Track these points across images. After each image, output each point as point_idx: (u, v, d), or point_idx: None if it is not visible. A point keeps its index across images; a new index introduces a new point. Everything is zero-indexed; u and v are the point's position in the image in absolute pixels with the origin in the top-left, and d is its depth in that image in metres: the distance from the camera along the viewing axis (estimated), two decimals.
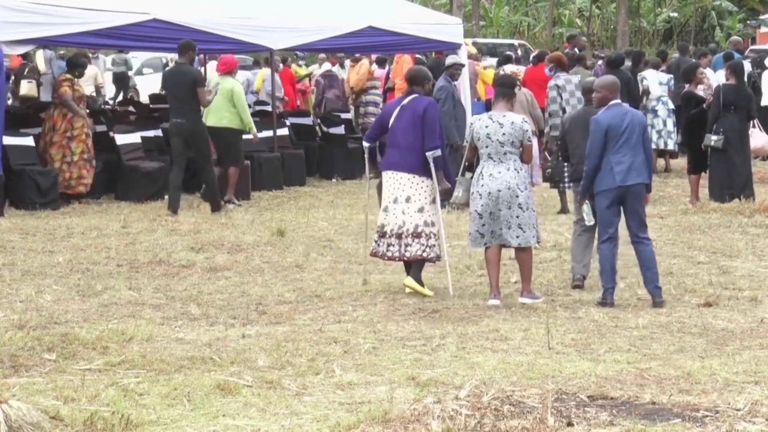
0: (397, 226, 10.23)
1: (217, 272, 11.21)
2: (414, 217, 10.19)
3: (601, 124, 9.79)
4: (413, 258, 10.20)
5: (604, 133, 9.74)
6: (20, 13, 14.88)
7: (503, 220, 9.85)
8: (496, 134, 9.87)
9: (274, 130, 18.24)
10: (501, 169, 9.86)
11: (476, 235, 9.97)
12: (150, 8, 16.05)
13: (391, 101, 10.55)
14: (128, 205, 15.57)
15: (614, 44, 45.62)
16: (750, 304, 9.94)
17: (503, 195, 9.82)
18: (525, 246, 9.94)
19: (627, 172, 9.72)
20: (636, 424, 6.48)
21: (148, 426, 6.51)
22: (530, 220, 9.90)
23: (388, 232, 10.28)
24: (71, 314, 9.38)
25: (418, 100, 10.28)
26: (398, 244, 10.22)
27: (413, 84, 10.43)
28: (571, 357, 8.13)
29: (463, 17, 39.19)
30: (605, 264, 9.88)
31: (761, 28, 42.04)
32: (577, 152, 10.66)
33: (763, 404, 6.87)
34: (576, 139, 10.70)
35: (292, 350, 8.23)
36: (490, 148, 9.89)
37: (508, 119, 9.92)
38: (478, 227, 9.93)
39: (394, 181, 10.27)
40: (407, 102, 10.28)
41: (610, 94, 9.92)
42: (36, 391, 7.12)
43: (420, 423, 6.43)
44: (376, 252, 10.40)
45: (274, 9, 17.55)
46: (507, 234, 9.85)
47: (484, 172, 9.91)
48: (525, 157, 10.00)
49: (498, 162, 9.89)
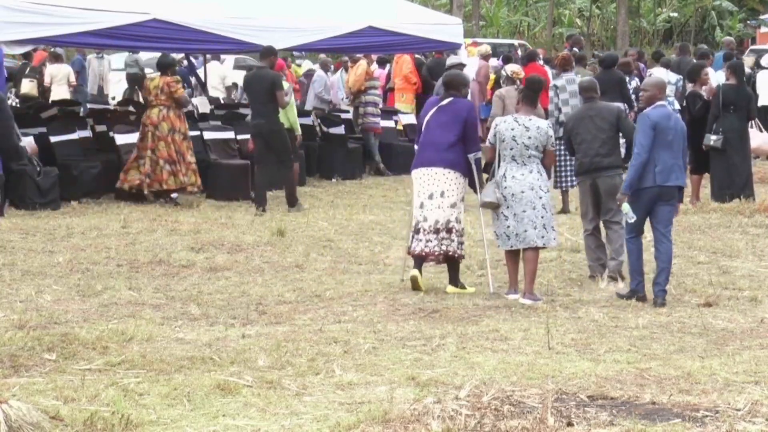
0: (434, 221, 10.33)
1: (217, 272, 11.21)
2: (447, 212, 10.32)
3: (651, 119, 9.89)
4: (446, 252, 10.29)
5: (653, 129, 9.85)
6: (20, 13, 14.88)
7: (528, 221, 10.00)
8: (522, 137, 10.01)
9: None
10: (524, 171, 10.03)
11: (504, 237, 10.12)
12: (150, 8, 16.04)
13: (427, 103, 10.76)
14: (128, 205, 15.56)
15: (614, 44, 45.62)
16: (750, 304, 9.95)
17: (527, 196, 9.99)
18: (544, 246, 10.11)
19: (668, 173, 9.87)
20: (636, 424, 6.48)
21: (148, 426, 6.51)
22: (551, 221, 10.09)
23: (425, 228, 10.36)
24: (71, 314, 9.38)
25: (458, 102, 10.45)
26: (436, 240, 10.32)
27: (450, 88, 10.56)
28: (571, 357, 8.13)
29: (463, 17, 39.21)
30: (633, 259, 10.05)
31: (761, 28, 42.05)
32: (582, 147, 10.88)
33: (763, 404, 6.88)
34: (581, 134, 10.90)
35: (292, 350, 8.23)
36: (515, 151, 10.04)
37: (534, 123, 10.07)
38: (505, 229, 10.10)
39: (429, 177, 10.38)
40: (445, 103, 10.42)
41: (659, 93, 10.08)
42: (36, 391, 7.12)
43: (420, 423, 6.44)
44: (414, 250, 10.42)
45: (274, 9, 17.53)
46: (533, 234, 10.01)
47: (507, 174, 10.07)
48: (547, 161, 10.19)
49: (521, 164, 10.05)
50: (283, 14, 17.50)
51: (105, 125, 17.66)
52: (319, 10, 17.96)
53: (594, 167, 10.83)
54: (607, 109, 11.11)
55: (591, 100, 11.12)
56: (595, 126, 10.87)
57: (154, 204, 15.64)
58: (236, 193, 16.30)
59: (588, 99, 11.16)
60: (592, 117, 10.94)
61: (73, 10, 15.33)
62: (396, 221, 14.43)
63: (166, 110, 15.66)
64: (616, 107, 11.35)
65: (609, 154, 10.83)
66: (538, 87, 10.52)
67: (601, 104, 11.20)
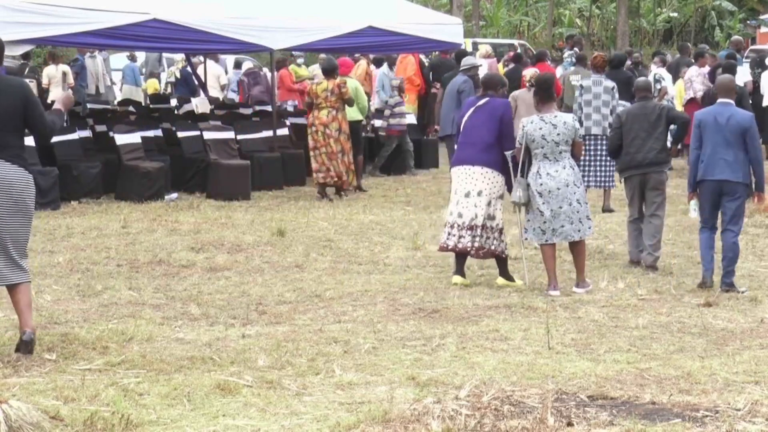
0: (469, 218, 10.59)
1: (217, 272, 11.21)
2: (484, 210, 10.58)
3: (696, 118, 10.43)
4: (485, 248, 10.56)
5: (697, 127, 10.37)
6: (20, 13, 14.88)
7: (565, 217, 10.36)
8: (551, 135, 10.34)
9: (274, 130, 18.23)
10: (557, 168, 10.35)
11: (539, 231, 10.43)
12: (150, 8, 16.04)
13: (466, 103, 11.19)
14: (128, 205, 15.56)
15: (614, 44, 45.61)
16: (750, 304, 9.95)
17: (562, 192, 10.32)
18: (581, 238, 10.45)
19: (722, 168, 10.32)
20: (636, 424, 6.48)
21: (148, 426, 6.51)
22: (586, 212, 10.45)
23: (459, 224, 10.63)
24: (71, 314, 9.38)
25: (495, 101, 10.77)
26: (470, 236, 10.58)
27: (488, 88, 10.93)
28: (571, 357, 8.13)
29: (463, 17, 39.22)
30: (704, 250, 10.51)
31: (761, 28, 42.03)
32: (635, 143, 11.55)
33: (763, 404, 6.88)
34: (634, 131, 11.57)
35: (292, 350, 8.23)
36: (546, 149, 10.36)
37: (560, 119, 10.40)
38: (540, 224, 10.41)
39: (467, 176, 10.66)
40: (482, 103, 10.75)
41: (723, 93, 10.56)
42: (36, 391, 7.12)
43: (420, 423, 6.44)
44: (447, 245, 10.72)
45: (274, 9, 17.54)
46: (570, 229, 10.39)
47: (541, 172, 10.38)
48: (576, 152, 10.52)
49: (554, 161, 10.37)
50: (283, 14, 17.51)
51: (105, 125, 17.67)
52: (319, 10, 17.98)
53: (647, 162, 11.53)
54: (658, 107, 11.86)
55: (645, 99, 11.80)
56: (649, 123, 11.55)
57: (154, 204, 15.64)
58: (236, 193, 16.30)
59: (642, 98, 11.82)
60: (647, 115, 11.60)
61: (73, 10, 15.33)
62: (396, 221, 14.44)
63: (335, 112, 16.42)
64: (666, 105, 12.52)
65: (661, 151, 11.58)
66: (548, 84, 10.75)
67: (653, 103, 11.94)
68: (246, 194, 16.42)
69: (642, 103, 11.79)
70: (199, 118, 18.91)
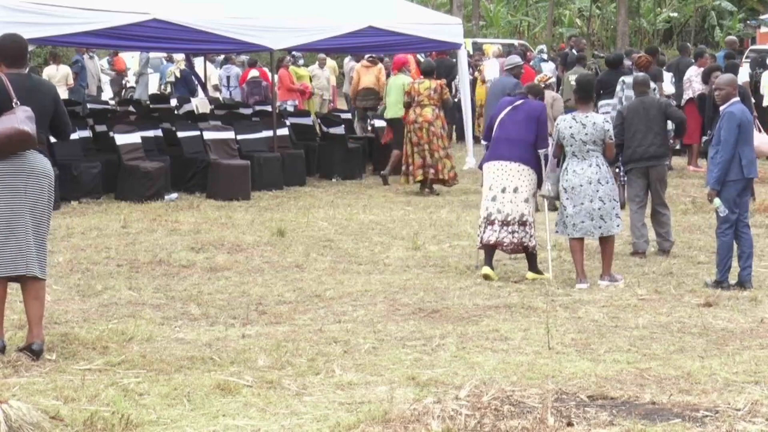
0: (506, 214, 10.91)
1: (217, 272, 11.21)
2: (520, 207, 10.93)
3: (736, 116, 10.39)
4: (518, 243, 10.91)
5: (738, 127, 10.35)
6: (20, 13, 14.88)
7: (585, 213, 10.67)
8: (579, 134, 10.68)
9: (273, 130, 18.23)
10: (584, 166, 10.69)
11: (562, 225, 10.81)
12: (150, 8, 16.04)
13: (502, 101, 11.55)
14: (128, 205, 15.56)
15: (614, 44, 45.61)
16: (750, 304, 9.95)
17: (584, 189, 10.65)
18: (602, 235, 10.72)
19: (752, 165, 10.46)
20: (636, 424, 6.48)
21: (148, 426, 6.51)
22: (613, 210, 10.69)
23: (499, 220, 10.92)
24: (71, 314, 9.38)
25: (532, 103, 11.30)
26: (506, 231, 10.89)
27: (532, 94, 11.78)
28: (571, 357, 8.13)
29: (463, 17, 39.21)
30: (725, 251, 10.50)
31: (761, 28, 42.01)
32: (637, 137, 12.02)
33: (763, 404, 6.88)
34: (635, 125, 12.04)
35: (292, 350, 8.23)
36: (574, 147, 10.72)
37: (590, 120, 10.73)
38: (564, 218, 10.78)
39: (503, 172, 10.99)
40: (520, 103, 11.18)
41: (733, 90, 10.58)
42: (36, 391, 7.12)
43: (420, 423, 6.44)
44: (489, 241, 10.95)
45: (274, 9, 17.54)
46: (590, 226, 10.69)
47: (568, 168, 10.76)
48: (607, 153, 10.79)
49: (581, 159, 10.72)
50: (283, 14, 17.51)
51: (105, 125, 17.67)
52: (319, 10, 17.98)
53: (648, 156, 12.02)
54: (657, 102, 12.29)
55: (644, 95, 12.23)
56: (648, 118, 11.94)
57: (154, 204, 15.64)
58: (236, 193, 16.30)
59: (641, 93, 12.23)
60: (647, 110, 12.07)
61: (73, 10, 15.34)
62: (396, 221, 14.44)
63: (437, 110, 17.05)
64: (664, 101, 12.68)
65: (661, 144, 12.08)
66: (589, 86, 11.15)
67: (652, 98, 12.28)
68: (246, 194, 16.42)
69: (641, 98, 12.21)
70: (199, 118, 18.91)
